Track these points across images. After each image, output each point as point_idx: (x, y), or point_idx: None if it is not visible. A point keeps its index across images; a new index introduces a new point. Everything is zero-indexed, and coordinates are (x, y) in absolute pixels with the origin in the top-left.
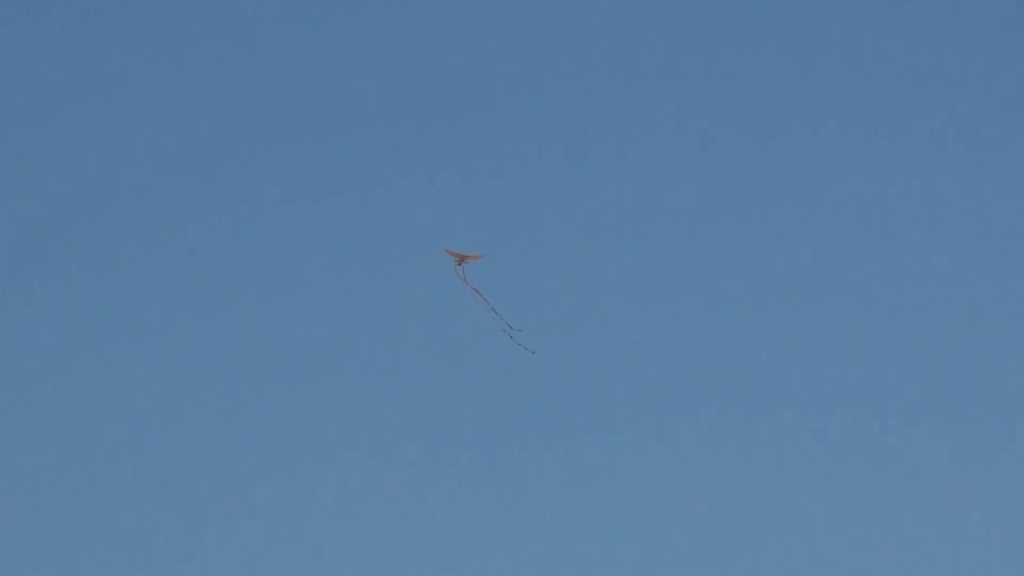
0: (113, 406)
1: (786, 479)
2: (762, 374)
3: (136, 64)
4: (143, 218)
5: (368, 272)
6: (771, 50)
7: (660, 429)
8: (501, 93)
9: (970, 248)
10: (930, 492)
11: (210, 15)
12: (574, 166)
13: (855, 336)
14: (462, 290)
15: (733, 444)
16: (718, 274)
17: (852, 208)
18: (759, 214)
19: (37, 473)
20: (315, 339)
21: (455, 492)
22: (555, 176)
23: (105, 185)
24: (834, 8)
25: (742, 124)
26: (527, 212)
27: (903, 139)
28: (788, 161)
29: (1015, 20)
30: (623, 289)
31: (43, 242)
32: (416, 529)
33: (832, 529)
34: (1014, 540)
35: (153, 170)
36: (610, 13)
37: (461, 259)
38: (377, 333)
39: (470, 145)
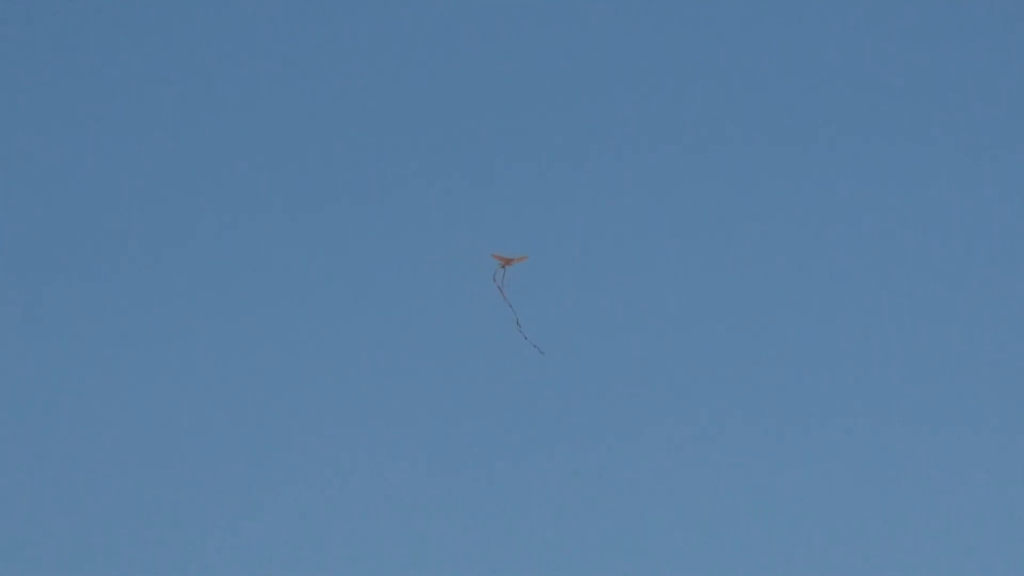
0: (114, 406)
1: (798, 484)
2: (776, 379)
3: (140, 64)
4: (160, 219)
5: (371, 273)
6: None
7: (668, 433)
8: (516, 96)
9: (971, 250)
10: (932, 495)
11: (219, 15)
12: (579, 168)
13: (875, 343)
14: (467, 292)
15: (745, 449)
16: (729, 279)
17: (881, 218)
18: (777, 221)
19: (38, 473)
20: (318, 341)
21: (459, 492)
22: (559, 179)
23: (113, 186)
24: (835, 9)
25: (748, 128)
26: (533, 215)
27: (904, 140)
28: (808, 169)
29: (1015, 19)
30: (633, 292)
31: (43, 242)
32: (419, 530)
33: (845, 534)
34: (1014, 540)
35: (174, 171)
36: (646, 16)
37: (507, 262)
38: (379, 334)
39: (480, 147)
